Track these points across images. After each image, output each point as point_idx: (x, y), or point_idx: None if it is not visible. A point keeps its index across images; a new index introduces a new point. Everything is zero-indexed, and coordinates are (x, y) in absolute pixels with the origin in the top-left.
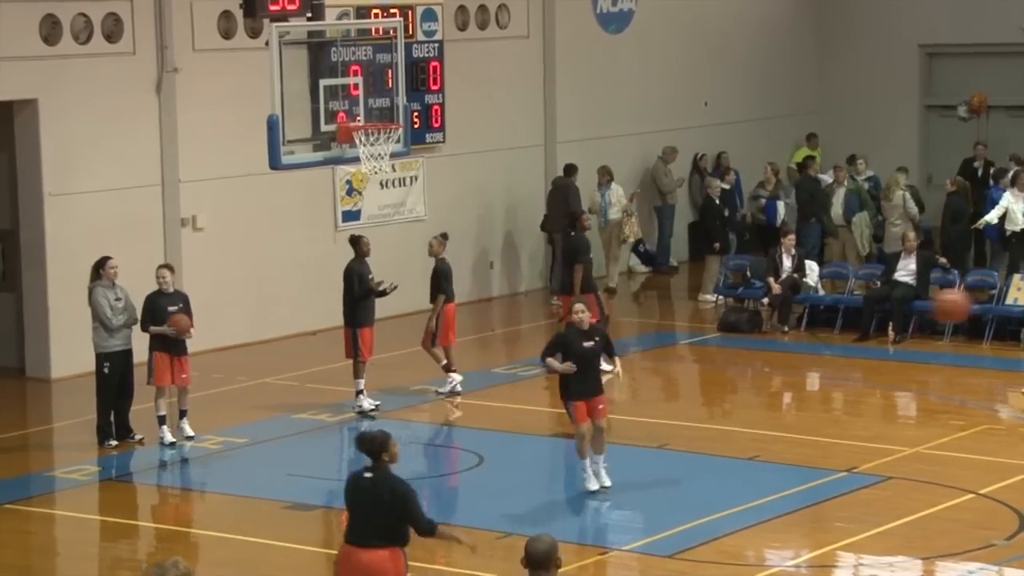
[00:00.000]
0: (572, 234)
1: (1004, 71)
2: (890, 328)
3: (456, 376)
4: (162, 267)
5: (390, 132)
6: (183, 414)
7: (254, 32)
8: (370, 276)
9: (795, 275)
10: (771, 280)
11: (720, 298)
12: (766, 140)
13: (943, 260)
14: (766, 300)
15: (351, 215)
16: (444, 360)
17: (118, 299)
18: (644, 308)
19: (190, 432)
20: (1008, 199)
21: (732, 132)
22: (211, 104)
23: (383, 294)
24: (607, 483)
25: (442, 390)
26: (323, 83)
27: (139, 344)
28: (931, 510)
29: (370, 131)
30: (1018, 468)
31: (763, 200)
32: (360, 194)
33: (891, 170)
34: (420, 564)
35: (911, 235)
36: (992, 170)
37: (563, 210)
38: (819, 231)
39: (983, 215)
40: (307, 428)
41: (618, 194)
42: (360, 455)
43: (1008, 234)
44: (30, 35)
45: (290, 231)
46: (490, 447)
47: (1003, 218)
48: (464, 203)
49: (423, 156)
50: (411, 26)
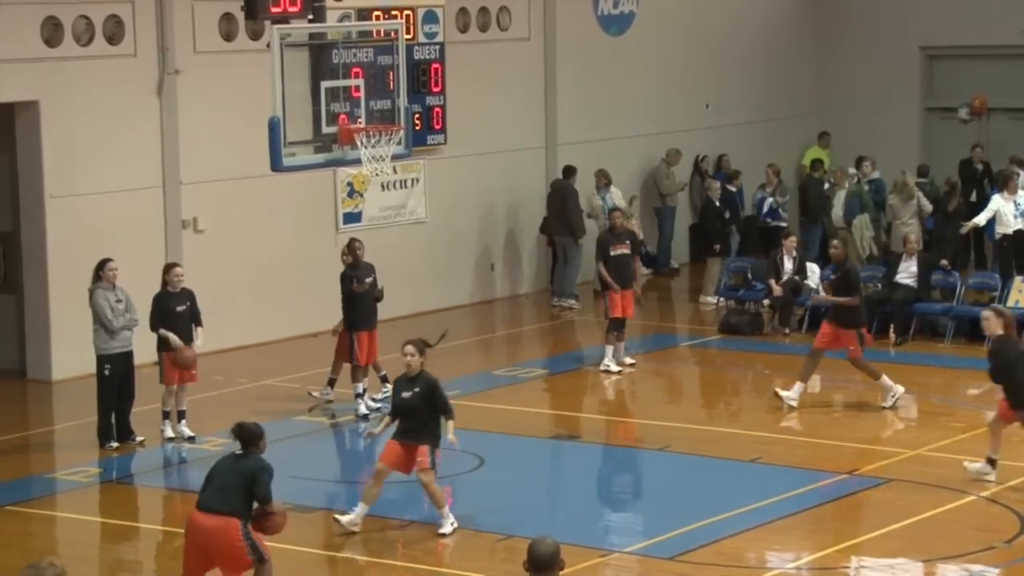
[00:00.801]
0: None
1: (1004, 73)
2: (891, 330)
3: (330, 392)
4: (176, 266)
5: (391, 134)
6: (181, 415)
7: (255, 34)
8: (368, 279)
9: (796, 277)
10: (772, 282)
11: (721, 300)
12: (767, 142)
13: (944, 262)
14: (767, 302)
15: (352, 217)
16: (334, 375)
17: (119, 301)
18: (645, 310)
19: (188, 432)
20: (998, 201)
21: (733, 134)
22: (212, 106)
23: (371, 298)
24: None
25: (315, 393)
26: (324, 85)
27: (140, 346)
28: (932, 512)
29: (371, 133)
30: (1019, 470)
31: (757, 197)
32: (361, 196)
33: (891, 171)
34: (420, 565)
35: (912, 237)
36: (994, 172)
37: (562, 212)
38: (821, 233)
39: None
40: (308, 430)
41: (617, 197)
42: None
43: (999, 236)
44: (31, 37)
45: (291, 233)
46: (491, 449)
47: (994, 221)
48: (465, 205)
49: (424, 158)
50: (412, 28)
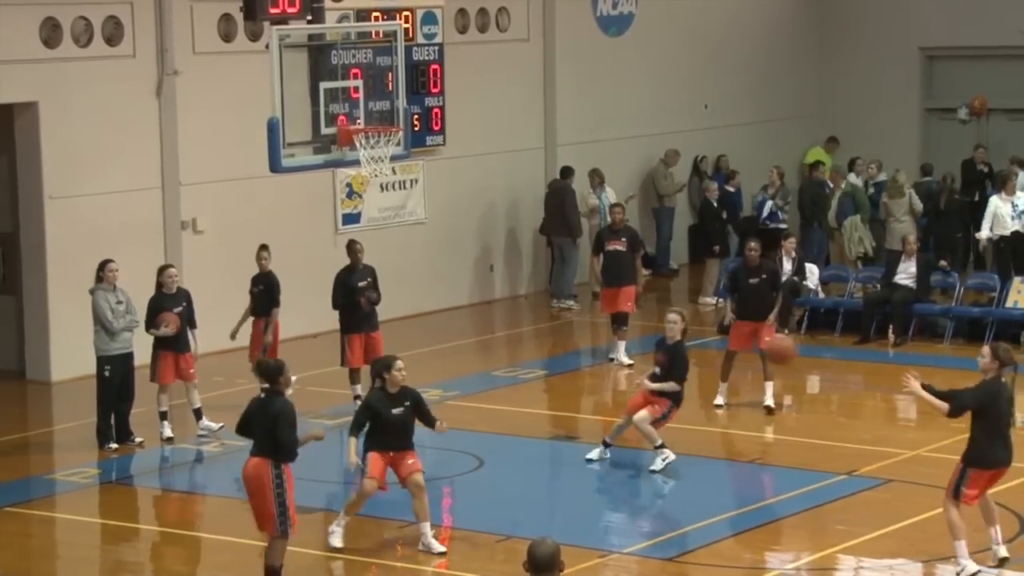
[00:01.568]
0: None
1: (1004, 74)
2: (890, 331)
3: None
4: (169, 267)
5: (390, 135)
6: (199, 413)
7: (254, 35)
8: (362, 283)
9: (795, 278)
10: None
11: (720, 300)
12: (766, 143)
13: (943, 263)
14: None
15: (351, 218)
16: None
17: (119, 302)
18: (644, 311)
19: (215, 425)
20: (996, 202)
21: (732, 135)
22: (211, 107)
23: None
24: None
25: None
26: (323, 86)
27: (140, 347)
28: (932, 513)
29: (370, 134)
30: (1018, 471)
31: (758, 199)
32: (360, 197)
33: (891, 173)
34: (420, 566)
35: (911, 238)
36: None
37: (560, 213)
38: (823, 235)
39: (982, 219)
40: (308, 431)
41: (612, 196)
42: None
43: (996, 238)
44: (30, 38)
45: (290, 234)
46: (490, 450)
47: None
48: (464, 206)
49: (423, 159)
50: (411, 29)
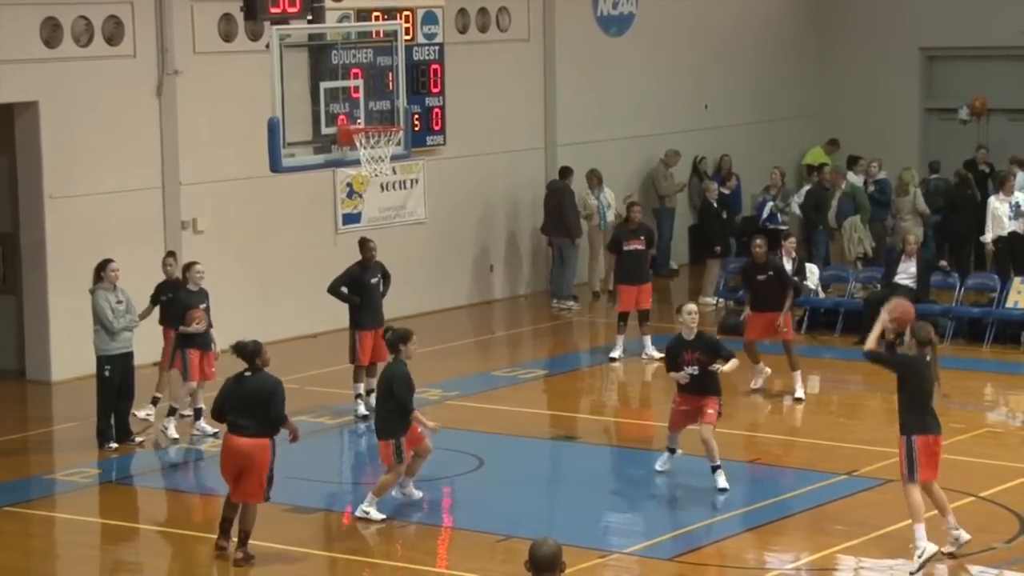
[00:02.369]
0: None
1: (1005, 74)
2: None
3: (152, 409)
4: (195, 263)
5: (391, 135)
6: (199, 413)
7: (255, 35)
8: (374, 279)
9: (796, 278)
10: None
11: (720, 301)
12: (767, 143)
13: (943, 263)
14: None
15: (352, 218)
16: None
17: (119, 302)
18: None
19: (210, 429)
20: (994, 204)
21: (733, 135)
22: (212, 107)
23: (378, 297)
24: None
25: (139, 413)
26: (323, 86)
27: (140, 347)
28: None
29: (371, 134)
30: (1018, 471)
31: (759, 200)
32: (361, 197)
33: (891, 172)
34: (421, 567)
35: (911, 238)
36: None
37: (558, 213)
38: (827, 236)
39: (984, 221)
40: (307, 431)
41: (610, 196)
42: None
43: (995, 238)
44: (31, 38)
45: (291, 234)
46: (490, 450)
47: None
48: (464, 206)
49: (423, 159)
50: (411, 29)
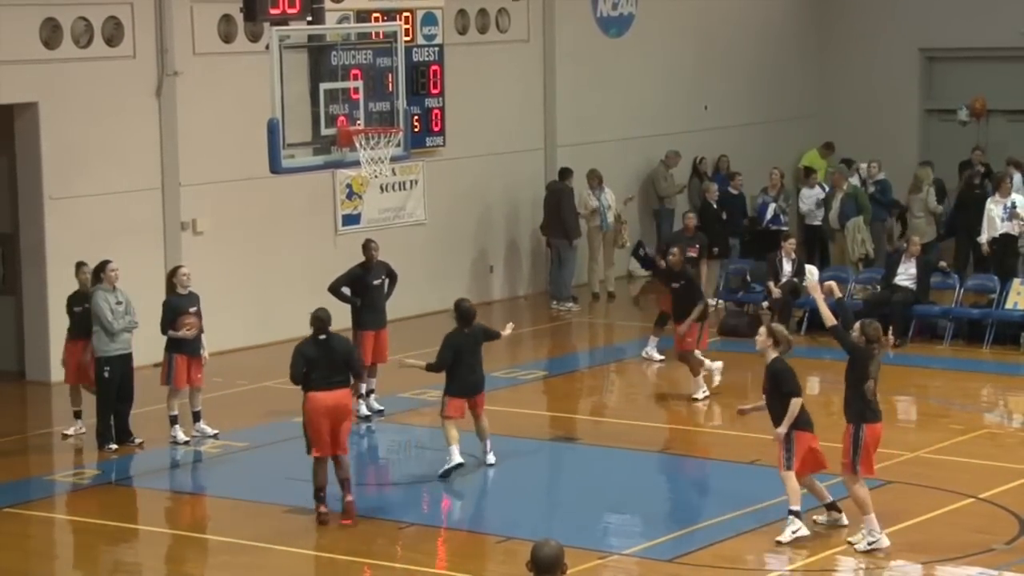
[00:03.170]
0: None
1: (1004, 75)
2: (890, 332)
3: (79, 424)
4: (181, 267)
5: (390, 136)
6: (198, 416)
7: (254, 36)
8: (377, 281)
9: (795, 279)
10: (771, 284)
11: (720, 302)
12: (766, 144)
13: (943, 264)
14: (766, 304)
15: (351, 219)
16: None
17: (119, 303)
18: (644, 312)
19: (210, 430)
20: (989, 205)
21: (732, 136)
22: (211, 108)
23: (381, 297)
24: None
25: (68, 431)
26: (323, 87)
27: (140, 348)
28: (931, 514)
29: (370, 135)
30: (1018, 472)
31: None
32: (360, 198)
33: (892, 174)
34: (421, 568)
35: (915, 239)
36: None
37: (557, 214)
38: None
39: (982, 222)
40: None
41: (611, 197)
42: None
43: (988, 239)
44: (31, 39)
45: (290, 235)
46: (489, 451)
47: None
48: (464, 207)
49: (423, 160)
50: (411, 30)
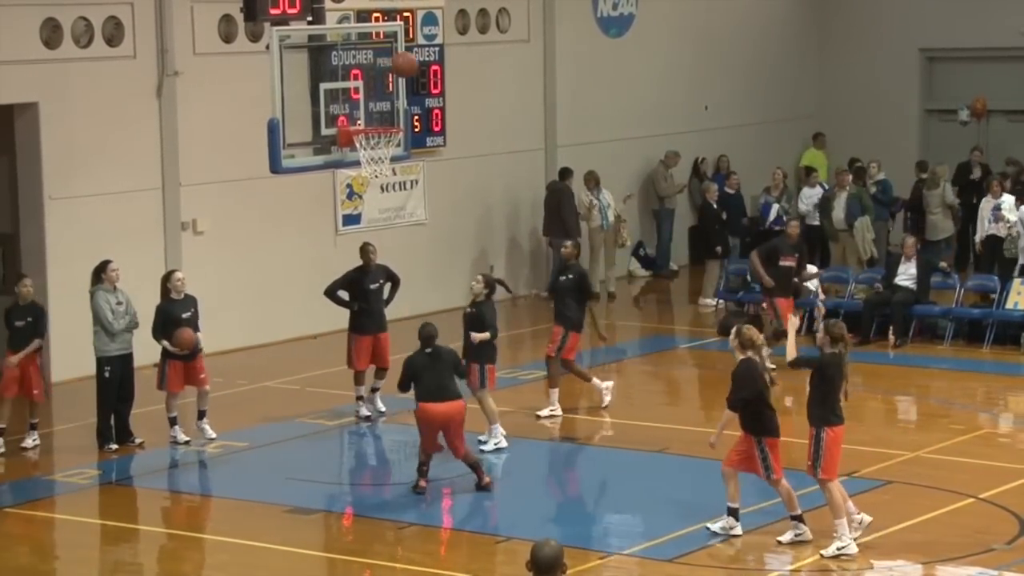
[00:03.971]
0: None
1: (1004, 75)
2: (890, 332)
3: (35, 435)
4: (175, 272)
5: (390, 136)
6: (203, 414)
7: (255, 36)
8: (374, 285)
9: (795, 279)
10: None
11: (720, 302)
12: (766, 144)
13: (944, 264)
14: (766, 304)
15: (351, 219)
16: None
17: (119, 303)
18: (644, 312)
19: (211, 433)
20: (983, 205)
21: (733, 136)
22: (212, 108)
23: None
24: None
25: (28, 443)
26: (323, 87)
27: (140, 348)
28: (931, 514)
29: (370, 135)
30: (1018, 472)
31: (761, 201)
32: (360, 198)
33: (892, 174)
34: (421, 568)
35: (911, 241)
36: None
37: (557, 215)
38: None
39: (978, 222)
40: (307, 432)
41: (609, 197)
42: None
43: (981, 239)
44: (31, 39)
45: (290, 235)
46: (489, 451)
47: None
48: (464, 207)
49: (423, 160)
50: (411, 30)
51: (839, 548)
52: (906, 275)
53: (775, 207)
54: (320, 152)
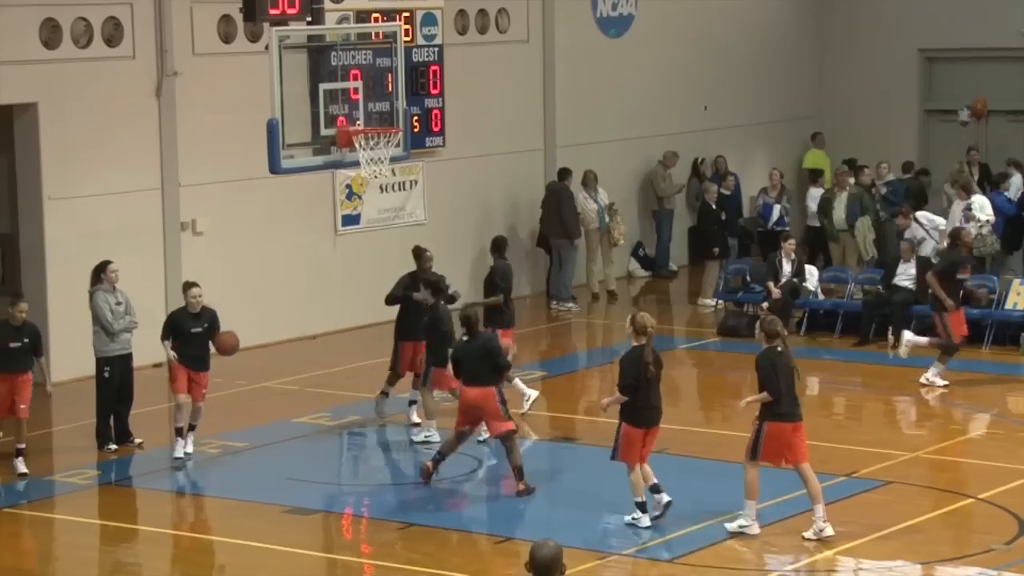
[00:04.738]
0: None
1: (1004, 76)
2: (890, 332)
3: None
4: (193, 286)
5: (390, 136)
6: (191, 428)
7: (254, 36)
8: (427, 290)
9: (795, 279)
10: (771, 284)
11: (720, 302)
12: (766, 144)
13: None
14: (766, 304)
15: (351, 219)
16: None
17: (119, 303)
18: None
19: (189, 448)
20: (953, 207)
21: (732, 136)
22: (211, 108)
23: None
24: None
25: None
26: (323, 87)
27: (139, 348)
28: (931, 514)
29: (370, 135)
30: (1018, 473)
31: (760, 202)
32: (360, 198)
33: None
34: (421, 568)
35: (906, 244)
36: (993, 174)
37: (557, 215)
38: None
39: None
40: (306, 432)
41: (606, 198)
42: None
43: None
44: (30, 39)
45: (290, 235)
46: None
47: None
48: (464, 207)
49: (423, 160)
50: (411, 30)
51: (741, 527)
52: (906, 275)
53: (777, 208)
54: (319, 152)
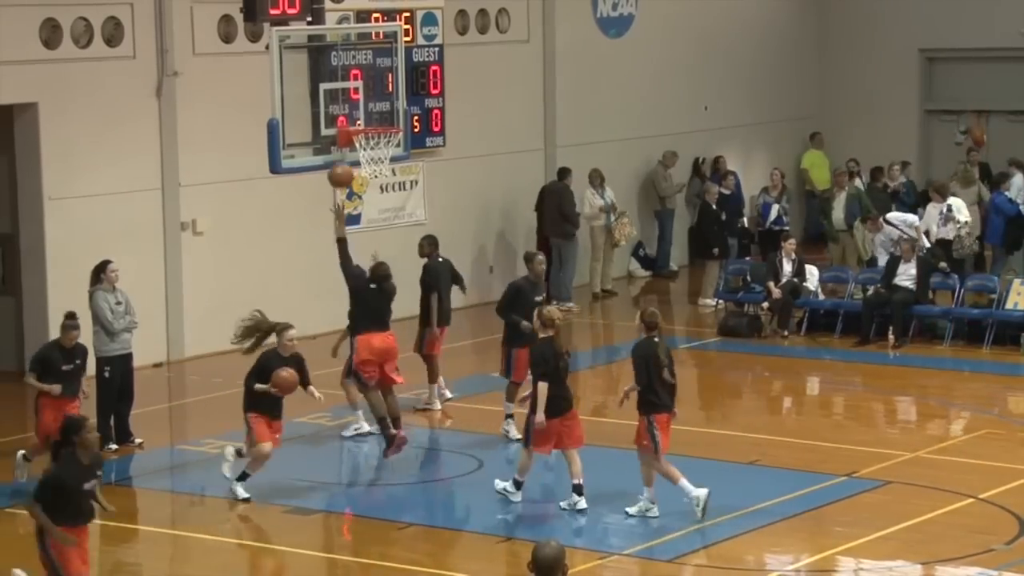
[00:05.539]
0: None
1: (1004, 76)
2: (890, 332)
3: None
4: (288, 330)
5: (390, 136)
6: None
7: (254, 36)
8: (539, 297)
9: (795, 279)
10: (771, 284)
11: (720, 302)
12: (766, 144)
13: (943, 265)
14: (766, 304)
15: (351, 219)
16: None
17: (119, 303)
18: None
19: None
20: (929, 209)
21: (732, 136)
22: (211, 108)
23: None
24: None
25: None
26: (323, 87)
27: (139, 348)
28: (931, 514)
29: (370, 135)
30: (1018, 472)
31: (760, 202)
32: (360, 198)
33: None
34: (421, 568)
35: (907, 245)
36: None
37: (557, 214)
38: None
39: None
40: (306, 432)
41: (612, 197)
42: None
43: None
44: (30, 39)
45: (290, 235)
46: (489, 451)
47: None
48: (464, 207)
49: (423, 160)
50: (411, 30)
51: (645, 511)
52: (906, 275)
53: (775, 207)
54: (320, 152)
